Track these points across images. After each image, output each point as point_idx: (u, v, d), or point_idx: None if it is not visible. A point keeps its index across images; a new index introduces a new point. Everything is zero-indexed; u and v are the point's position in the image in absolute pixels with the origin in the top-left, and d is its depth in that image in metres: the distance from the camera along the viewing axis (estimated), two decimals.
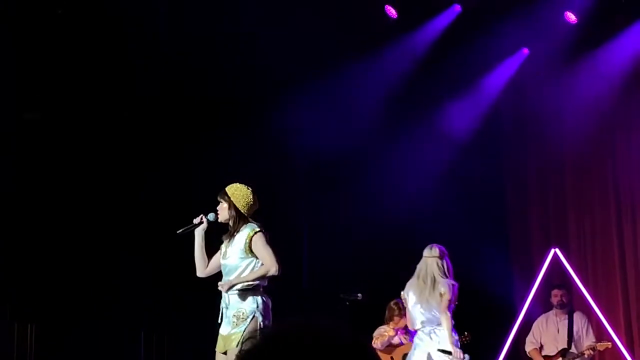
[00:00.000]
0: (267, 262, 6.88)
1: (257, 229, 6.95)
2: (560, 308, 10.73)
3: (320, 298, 10.20)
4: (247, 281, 6.88)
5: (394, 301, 10.25)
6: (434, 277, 8.19)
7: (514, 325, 11.40)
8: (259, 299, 6.92)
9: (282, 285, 7.35)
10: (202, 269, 7.24)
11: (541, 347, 10.81)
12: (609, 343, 10.50)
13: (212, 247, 7.27)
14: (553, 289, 10.99)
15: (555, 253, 11.50)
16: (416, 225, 11.27)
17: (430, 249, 8.37)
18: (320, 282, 10.91)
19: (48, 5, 9.76)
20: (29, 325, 9.66)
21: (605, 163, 11.86)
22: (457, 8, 11.13)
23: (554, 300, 10.83)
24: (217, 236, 7.24)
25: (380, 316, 10.34)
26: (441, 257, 8.29)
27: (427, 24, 11.26)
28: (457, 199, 11.74)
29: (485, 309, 11.28)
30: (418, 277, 8.29)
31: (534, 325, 10.97)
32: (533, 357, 10.83)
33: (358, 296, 9.29)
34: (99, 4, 9.88)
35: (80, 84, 10.02)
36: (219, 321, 7.05)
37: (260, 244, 6.92)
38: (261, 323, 6.80)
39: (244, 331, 6.78)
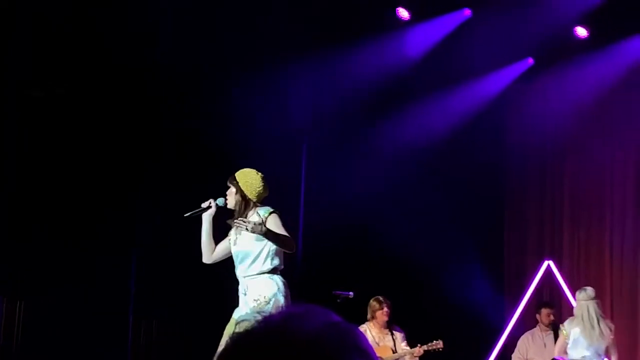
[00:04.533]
0: (282, 234, 6.75)
1: (272, 210, 6.81)
2: (551, 327, 10.71)
3: (311, 294, 10.19)
4: (278, 240, 6.71)
5: (375, 298, 10.18)
6: (599, 319, 8.79)
7: (500, 339, 11.41)
8: (279, 281, 6.80)
9: None
10: (209, 255, 7.12)
11: None
12: None
13: (220, 232, 7.21)
14: (544, 307, 10.97)
15: (548, 265, 11.51)
16: (411, 232, 11.29)
17: (585, 291, 8.94)
18: (313, 278, 10.91)
19: None
20: (17, 302, 9.65)
21: (603, 177, 11.88)
22: (467, 12, 11.15)
23: (546, 319, 10.80)
24: (222, 221, 7.17)
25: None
26: (596, 297, 8.91)
27: (433, 23, 11.25)
28: (454, 209, 11.75)
29: (474, 322, 11.31)
30: (582, 319, 8.81)
31: (520, 341, 10.97)
32: None
33: (350, 294, 9.29)
34: None
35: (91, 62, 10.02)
36: (238, 307, 6.94)
37: (274, 224, 6.75)
38: (282, 305, 6.58)
39: None
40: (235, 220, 6.64)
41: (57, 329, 9.56)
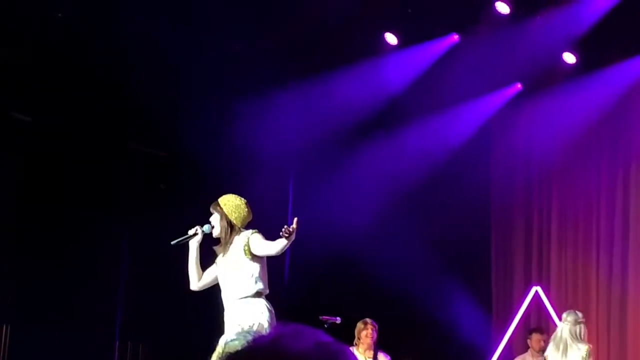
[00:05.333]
0: (274, 243, 6.74)
1: (254, 230, 6.87)
2: (542, 353, 10.69)
3: (299, 320, 10.15)
4: (281, 247, 6.69)
5: (362, 320, 10.11)
6: (567, 342, 8.59)
7: None
8: (264, 306, 6.80)
9: None
10: (196, 282, 7.12)
11: None
12: None
13: (205, 259, 7.19)
14: (535, 332, 10.94)
15: (536, 291, 11.50)
16: (398, 258, 11.28)
17: (568, 313, 8.77)
18: (300, 304, 10.89)
19: (48, 7, 9.72)
20: (3, 326, 9.60)
21: (590, 203, 11.89)
22: (455, 37, 11.18)
23: (537, 345, 10.77)
24: (209, 248, 7.17)
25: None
26: (576, 323, 8.65)
27: (421, 48, 11.27)
28: (441, 235, 11.75)
29: (462, 348, 11.29)
30: (554, 340, 8.68)
31: None
32: None
33: (337, 319, 9.27)
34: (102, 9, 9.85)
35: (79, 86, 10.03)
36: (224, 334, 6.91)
37: (259, 239, 6.82)
38: (266, 330, 6.50)
39: None
40: (284, 229, 6.59)
41: (44, 353, 9.50)
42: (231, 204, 6.97)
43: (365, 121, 11.49)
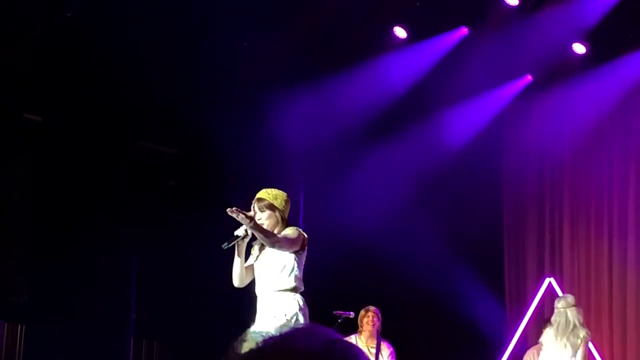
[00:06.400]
0: (283, 235, 6.74)
1: (297, 227, 6.85)
2: None
3: (313, 315, 10.18)
4: (262, 233, 6.59)
5: (364, 308, 10.09)
6: (574, 324, 8.61)
7: (502, 356, 11.40)
8: (300, 300, 6.77)
9: None
10: (242, 280, 6.95)
11: None
12: None
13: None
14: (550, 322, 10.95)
15: (550, 283, 11.50)
16: (411, 252, 11.28)
17: (565, 299, 8.84)
18: (313, 297, 10.90)
19: (57, 7, 9.74)
20: (18, 326, 9.64)
21: (602, 194, 11.88)
22: (464, 30, 11.16)
23: None
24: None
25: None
26: (576, 304, 8.75)
27: (432, 42, 11.26)
28: (454, 228, 11.74)
29: (476, 340, 11.29)
30: (557, 328, 8.68)
31: (525, 356, 10.94)
32: None
33: (350, 314, 9.31)
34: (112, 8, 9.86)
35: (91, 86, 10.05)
36: (253, 323, 6.88)
37: (292, 229, 6.80)
38: (302, 324, 6.51)
39: None
40: (231, 210, 6.46)
41: (59, 352, 9.54)
42: (280, 198, 6.91)
43: (376, 117, 11.48)
